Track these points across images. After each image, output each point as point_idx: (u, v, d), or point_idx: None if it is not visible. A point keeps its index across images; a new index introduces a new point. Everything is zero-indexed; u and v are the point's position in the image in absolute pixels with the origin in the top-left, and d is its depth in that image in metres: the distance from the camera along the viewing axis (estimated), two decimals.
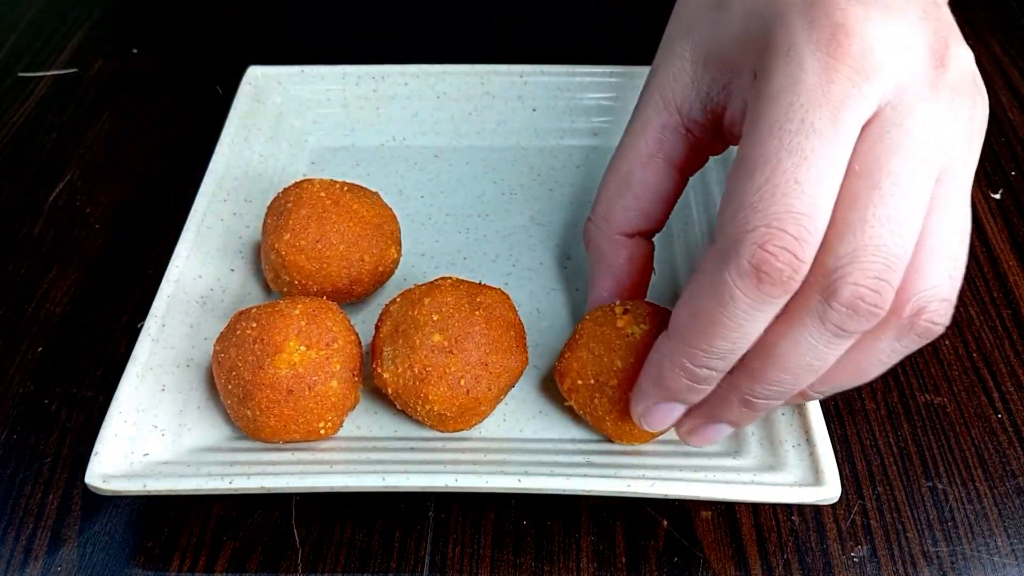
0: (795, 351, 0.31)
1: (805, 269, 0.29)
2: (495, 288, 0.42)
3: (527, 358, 0.42)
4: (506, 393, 0.42)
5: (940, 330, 0.31)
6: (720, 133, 0.39)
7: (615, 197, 0.42)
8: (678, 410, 0.35)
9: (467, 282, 0.42)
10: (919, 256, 0.30)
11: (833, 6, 0.31)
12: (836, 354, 0.31)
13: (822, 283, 0.29)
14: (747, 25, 0.35)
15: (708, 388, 0.34)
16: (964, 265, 0.32)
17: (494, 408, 0.42)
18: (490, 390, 0.40)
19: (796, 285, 0.29)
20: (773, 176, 0.28)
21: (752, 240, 0.28)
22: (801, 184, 0.28)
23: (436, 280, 0.42)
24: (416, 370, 0.39)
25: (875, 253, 0.29)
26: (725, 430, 0.36)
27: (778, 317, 0.31)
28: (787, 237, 0.28)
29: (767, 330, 0.31)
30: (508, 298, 0.42)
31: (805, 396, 0.34)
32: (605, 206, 0.43)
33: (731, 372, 0.33)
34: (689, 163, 0.41)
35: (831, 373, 0.32)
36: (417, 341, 0.39)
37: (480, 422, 0.42)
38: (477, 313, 0.40)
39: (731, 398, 0.34)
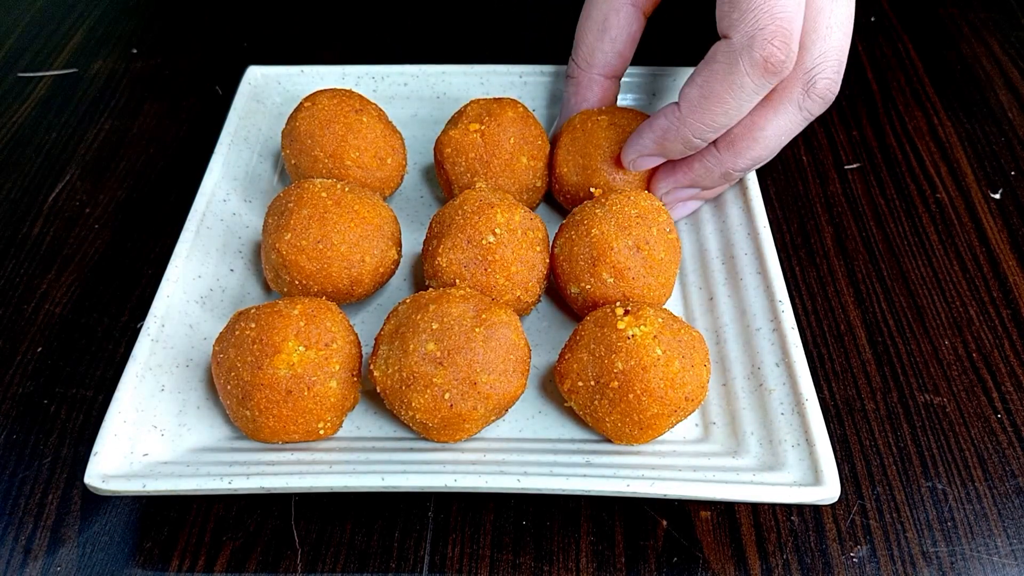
0: (776, 132, 0.42)
1: (793, 61, 0.39)
2: (505, 308, 0.41)
3: (524, 384, 0.40)
4: (497, 415, 0.41)
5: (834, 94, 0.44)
6: None
7: (595, 42, 0.49)
8: (660, 160, 0.46)
9: (479, 296, 0.41)
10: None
11: None
12: (797, 132, 0.43)
13: (804, 78, 0.40)
14: None
15: (695, 151, 0.44)
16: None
17: (482, 427, 0.41)
18: (476, 409, 0.39)
19: (787, 72, 0.39)
20: None
21: (763, 37, 0.38)
22: None
23: (450, 288, 0.41)
24: (404, 375, 0.39)
25: (836, 54, 0.40)
26: (696, 205, 0.49)
27: (761, 105, 0.41)
28: (786, 34, 0.38)
29: (754, 115, 0.42)
30: (516, 320, 0.41)
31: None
32: (587, 50, 0.50)
33: (718, 151, 0.44)
34: (650, 5, 0.49)
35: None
36: (411, 346, 0.39)
37: (466, 437, 0.41)
38: (478, 330, 0.39)
39: (715, 170, 0.45)
